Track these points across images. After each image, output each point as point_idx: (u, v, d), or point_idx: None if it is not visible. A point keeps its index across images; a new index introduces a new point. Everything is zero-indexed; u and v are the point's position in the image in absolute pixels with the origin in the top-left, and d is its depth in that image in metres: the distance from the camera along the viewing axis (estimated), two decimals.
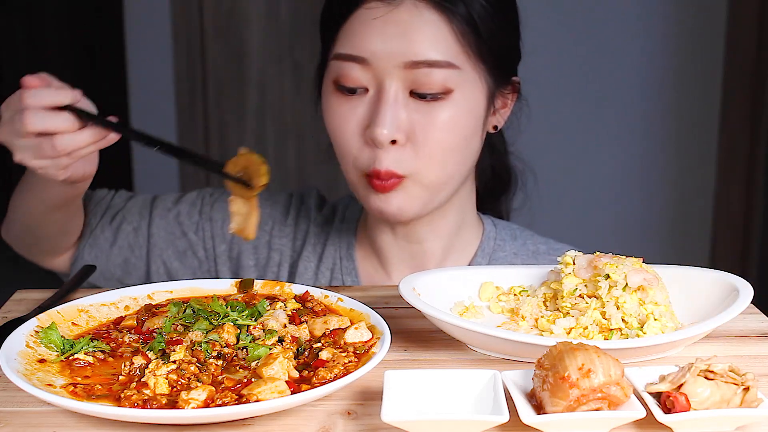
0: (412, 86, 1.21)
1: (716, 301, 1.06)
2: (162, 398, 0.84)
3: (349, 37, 1.23)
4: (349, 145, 1.25)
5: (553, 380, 0.82)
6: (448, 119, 1.22)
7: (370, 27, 1.21)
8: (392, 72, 1.20)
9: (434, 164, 1.23)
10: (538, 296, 1.11)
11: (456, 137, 1.23)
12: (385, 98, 1.21)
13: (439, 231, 1.36)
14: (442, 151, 1.23)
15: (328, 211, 1.48)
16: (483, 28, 1.22)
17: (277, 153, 3.61)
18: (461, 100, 1.22)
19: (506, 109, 1.33)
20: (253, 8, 3.53)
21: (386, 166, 1.22)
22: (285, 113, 3.59)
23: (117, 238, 1.44)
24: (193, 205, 1.47)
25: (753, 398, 0.84)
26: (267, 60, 3.57)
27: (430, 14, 1.20)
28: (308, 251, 1.44)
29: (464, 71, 1.22)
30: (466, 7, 1.21)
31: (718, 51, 3.24)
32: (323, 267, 1.42)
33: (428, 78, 1.20)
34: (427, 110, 1.21)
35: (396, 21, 1.20)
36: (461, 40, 1.21)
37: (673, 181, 3.38)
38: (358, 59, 1.21)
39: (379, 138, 1.20)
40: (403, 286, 1.05)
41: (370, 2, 1.22)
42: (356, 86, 1.23)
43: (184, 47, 3.53)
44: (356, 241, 1.43)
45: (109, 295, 1.07)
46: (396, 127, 1.21)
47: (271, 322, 0.99)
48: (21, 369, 0.88)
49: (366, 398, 0.90)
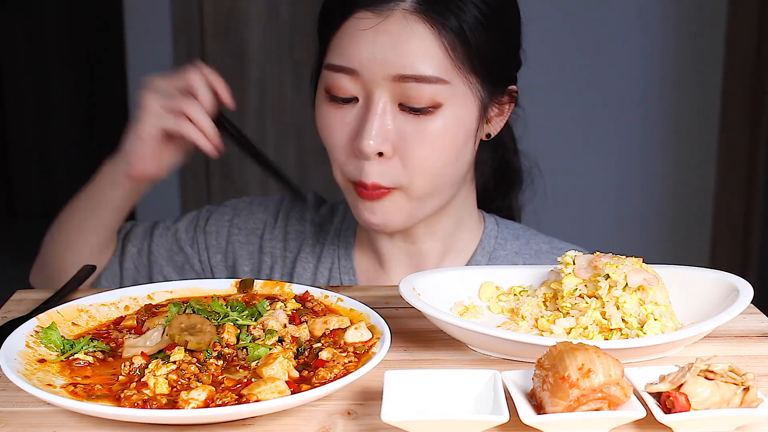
0: (400, 99, 1.20)
1: (716, 301, 1.06)
2: (162, 398, 0.84)
3: (339, 47, 1.22)
4: (338, 153, 1.25)
5: (553, 380, 0.82)
6: (437, 133, 1.20)
7: (360, 38, 1.20)
8: (381, 84, 1.19)
9: (422, 177, 1.22)
10: (538, 296, 1.11)
11: (445, 151, 1.22)
12: (373, 110, 1.20)
13: (436, 233, 1.36)
14: (431, 165, 1.22)
15: (326, 210, 1.48)
16: (475, 40, 1.20)
17: (277, 153, 3.61)
18: (451, 114, 1.21)
19: (502, 117, 1.32)
20: (253, 8, 3.53)
21: (372, 179, 1.21)
22: (285, 113, 3.59)
23: (123, 261, 1.47)
24: (190, 222, 1.50)
25: (753, 398, 0.84)
26: (267, 60, 3.57)
27: (420, 27, 1.18)
28: (306, 252, 1.44)
29: (454, 85, 1.20)
30: (458, 20, 1.19)
31: (718, 51, 3.24)
32: (322, 267, 1.42)
33: (417, 92, 1.18)
34: (415, 123, 1.20)
35: (386, 32, 1.18)
36: (451, 54, 1.19)
37: (673, 181, 3.38)
38: (348, 70, 1.21)
39: (365, 150, 1.19)
40: (403, 286, 1.05)
41: (360, 12, 1.20)
42: (346, 96, 1.22)
43: (184, 47, 3.53)
44: (355, 241, 1.43)
45: (109, 295, 1.07)
46: (383, 139, 1.20)
47: (271, 322, 0.99)
48: (21, 369, 0.88)
49: (366, 398, 0.90)
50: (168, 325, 0.96)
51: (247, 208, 1.49)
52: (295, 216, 1.47)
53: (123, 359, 0.93)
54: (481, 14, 1.21)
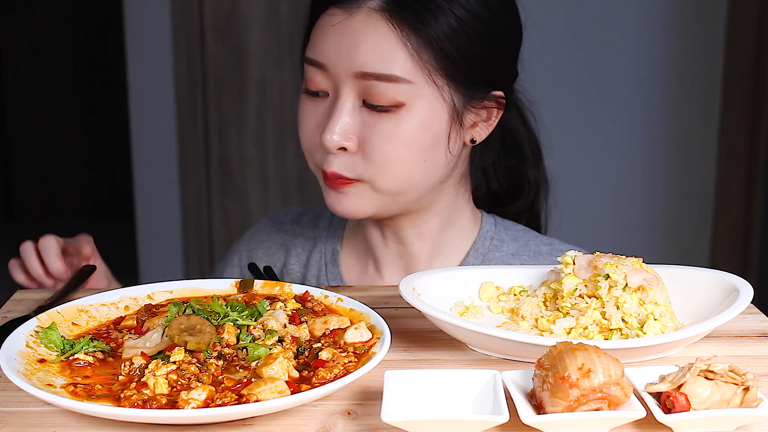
0: (364, 96, 1.21)
1: (716, 301, 1.06)
2: (162, 398, 0.84)
3: (313, 41, 1.25)
4: (307, 143, 1.28)
5: (553, 380, 0.82)
6: (398, 132, 1.21)
7: (328, 33, 1.22)
8: (346, 80, 1.21)
9: (385, 174, 1.23)
10: (538, 296, 1.11)
11: (407, 150, 1.22)
12: (338, 105, 1.22)
13: (423, 234, 1.36)
14: (393, 162, 1.22)
15: (308, 219, 1.50)
16: (445, 47, 1.20)
17: (277, 153, 3.61)
18: (415, 115, 1.21)
19: (489, 122, 1.30)
20: (253, 8, 3.53)
21: (332, 168, 1.24)
22: (285, 113, 3.59)
23: None
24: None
25: (753, 398, 0.84)
26: (267, 60, 3.57)
27: (383, 27, 1.19)
28: (293, 264, 1.46)
29: (419, 86, 1.20)
30: (427, 25, 1.19)
31: (718, 51, 3.24)
32: (309, 275, 1.44)
33: (379, 90, 1.20)
34: (377, 121, 1.21)
35: (351, 29, 1.20)
36: (416, 55, 1.19)
37: (674, 181, 3.38)
38: (318, 64, 1.23)
39: (327, 144, 1.22)
40: (403, 286, 1.05)
41: (330, 8, 1.23)
42: (317, 90, 1.25)
43: (184, 47, 3.52)
44: (341, 247, 1.44)
45: (109, 295, 1.07)
46: (344, 134, 1.22)
47: (271, 322, 0.99)
48: (21, 369, 0.88)
49: (366, 398, 0.90)
50: (167, 326, 0.96)
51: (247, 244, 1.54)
52: (279, 232, 1.50)
53: (123, 359, 0.93)
54: (459, 22, 1.20)
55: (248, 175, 3.64)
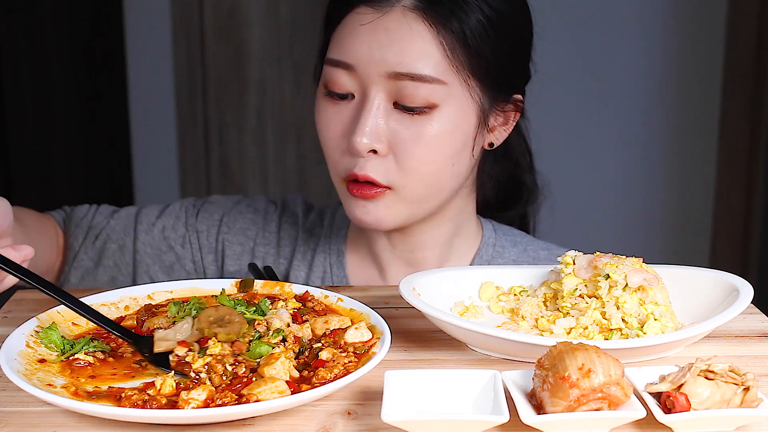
0: (396, 97, 1.18)
1: (716, 301, 1.06)
2: (162, 398, 0.84)
3: (338, 42, 1.21)
4: (331, 150, 1.23)
5: (553, 380, 0.82)
6: (432, 135, 1.19)
7: (358, 33, 1.18)
8: (377, 81, 1.18)
9: (417, 178, 1.20)
10: (538, 296, 1.11)
11: (439, 153, 1.20)
12: (368, 107, 1.18)
13: (433, 241, 1.34)
14: (425, 166, 1.20)
15: (315, 216, 1.45)
16: (477, 44, 1.18)
17: (277, 153, 3.61)
18: (446, 116, 1.19)
19: (507, 126, 1.29)
20: (253, 8, 3.53)
21: (365, 172, 1.19)
22: (285, 113, 3.59)
23: (102, 258, 1.41)
24: (177, 217, 1.45)
25: (753, 398, 0.84)
26: (267, 60, 3.57)
27: (419, 25, 1.17)
28: (298, 260, 1.41)
29: (451, 87, 1.18)
30: (460, 21, 1.17)
31: (718, 51, 3.24)
32: (314, 276, 1.40)
33: (412, 91, 1.17)
34: (409, 123, 1.18)
35: (384, 28, 1.17)
36: (450, 55, 1.17)
37: (673, 181, 3.38)
38: (345, 65, 1.19)
39: (357, 147, 1.17)
40: (403, 286, 1.05)
41: (360, 7, 1.19)
42: (343, 92, 1.21)
43: (184, 47, 3.53)
44: (347, 249, 1.40)
45: (109, 295, 1.07)
46: (376, 136, 1.18)
47: (274, 320, 0.98)
48: (21, 369, 0.88)
49: (366, 398, 0.90)
50: (196, 318, 0.96)
51: (235, 208, 1.46)
52: (287, 222, 1.45)
53: (155, 353, 0.93)
54: (487, 19, 1.19)
55: (248, 175, 3.64)
